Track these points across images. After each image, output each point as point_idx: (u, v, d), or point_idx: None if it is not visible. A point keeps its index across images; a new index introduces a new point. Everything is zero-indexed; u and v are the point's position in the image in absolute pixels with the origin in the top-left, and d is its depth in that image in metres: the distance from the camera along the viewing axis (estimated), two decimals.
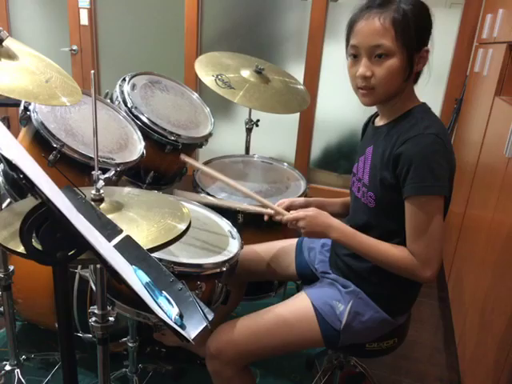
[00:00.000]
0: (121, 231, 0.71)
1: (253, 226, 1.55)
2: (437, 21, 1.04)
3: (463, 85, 2.58)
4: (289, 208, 1.26)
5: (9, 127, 3.27)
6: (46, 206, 0.54)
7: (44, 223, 0.59)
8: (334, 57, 2.83)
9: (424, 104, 1.07)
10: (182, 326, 0.52)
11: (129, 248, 0.67)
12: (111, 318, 1.00)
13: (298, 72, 2.86)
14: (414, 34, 0.97)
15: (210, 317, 0.54)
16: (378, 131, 1.11)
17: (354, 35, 1.01)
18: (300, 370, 1.67)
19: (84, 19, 3.30)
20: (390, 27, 0.95)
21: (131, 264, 0.63)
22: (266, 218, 1.26)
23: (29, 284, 1.52)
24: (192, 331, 0.52)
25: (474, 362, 1.48)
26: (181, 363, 1.62)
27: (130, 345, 1.36)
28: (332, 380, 1.44)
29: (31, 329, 1.74)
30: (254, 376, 1.28)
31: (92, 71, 0.84)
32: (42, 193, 0.50)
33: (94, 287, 1.08)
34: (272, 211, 1.22)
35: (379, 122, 1.14)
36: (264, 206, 1.27)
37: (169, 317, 0.53)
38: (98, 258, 0.52)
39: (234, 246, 1.29)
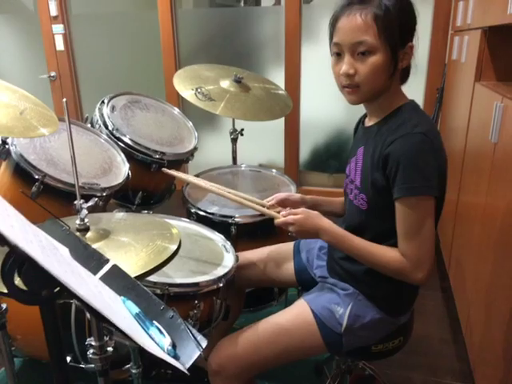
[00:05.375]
0: (107, 261, 0.69)
1: (247, 237, 1.53)
2: None
3: (443, 73, 2.59)
4: (283, 202, 1.24)
5: None
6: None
7: (24, 264, 0.57)
8: (313, 58, 2.83)
9: (412, 101, 1.05)
10: (176, 357, 0.50)
11: (116, 278, 0.65)
12: (109, 348, 0.97)
13: (278, 77, 2.86)
14: (397, 29, 0.94)
15: (204, 344, 0.52)
16: (368, 131, 1.09)
17: (336, 32, 0.98)
18: (309, 377, 1.65)
19: (60, 45, 3.29)
20: (372, 23, 0.93)
21: (120, 295, 0.61)
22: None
23: (25, 319, 1.48)
24: (186, 361, 0.50)
25: (482, 351, 1.47)
26: (188, 383, 1.58)
27: (133, 371, 1.33)
28: None
29: (33, 364, 1.70)
30: None
31: (64, 99, 0.82)
32: (7, 241, 0.47)
33: (89, 317, 1.05)
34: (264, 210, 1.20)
35: (369, 122, 1.12)
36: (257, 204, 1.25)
37: (161, 348, 0.51)
38: (78, 300, 0.49)
39: (228, 260, 1.27)
